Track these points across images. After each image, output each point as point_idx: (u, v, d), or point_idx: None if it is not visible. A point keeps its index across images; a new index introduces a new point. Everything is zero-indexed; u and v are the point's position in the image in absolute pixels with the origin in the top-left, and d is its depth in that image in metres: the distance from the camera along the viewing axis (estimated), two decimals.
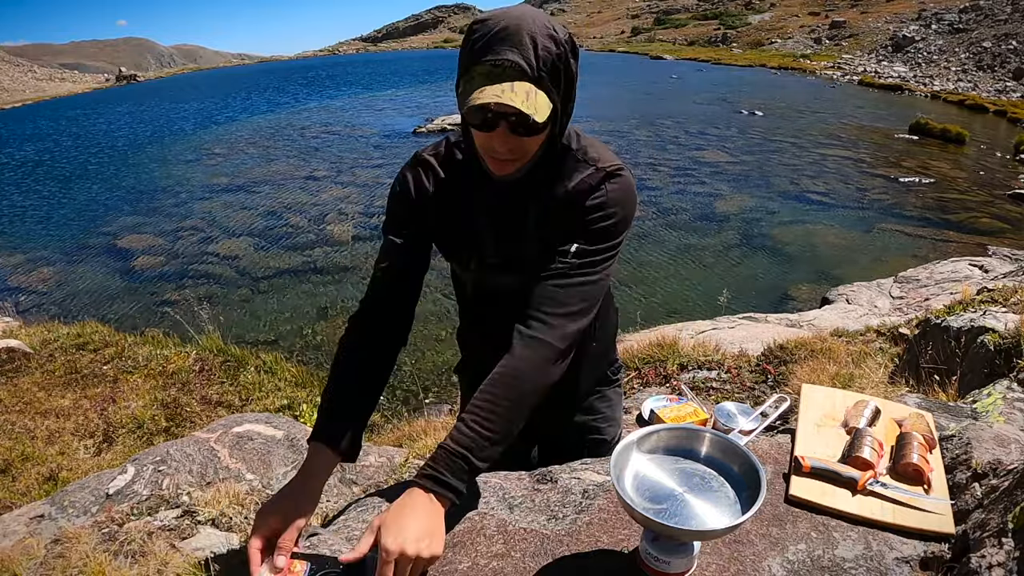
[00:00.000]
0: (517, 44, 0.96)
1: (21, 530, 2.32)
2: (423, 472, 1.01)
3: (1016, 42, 31.81)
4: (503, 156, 1.05)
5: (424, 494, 0.99)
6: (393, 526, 0.94)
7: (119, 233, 11.56)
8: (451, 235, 1.24)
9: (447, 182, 1.21)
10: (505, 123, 1.00)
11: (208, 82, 56.11)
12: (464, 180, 1.19)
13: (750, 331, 4.99)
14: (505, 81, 0.96)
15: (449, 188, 1.20)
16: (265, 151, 18.55)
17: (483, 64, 0.97)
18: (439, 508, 0.99)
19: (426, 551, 0.94)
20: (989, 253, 7.78)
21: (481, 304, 1.37)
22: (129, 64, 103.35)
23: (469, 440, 1.01)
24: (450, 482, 1.00)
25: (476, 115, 1.00)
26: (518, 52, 0.96)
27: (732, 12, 63.75)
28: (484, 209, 1.19)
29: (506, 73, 0.96)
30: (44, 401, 4.60)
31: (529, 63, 0.96)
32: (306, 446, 1.14)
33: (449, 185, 1.20)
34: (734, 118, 20.96)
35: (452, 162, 1.21)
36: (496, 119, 0.99)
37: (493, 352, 1.35)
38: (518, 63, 0.96)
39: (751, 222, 10.91)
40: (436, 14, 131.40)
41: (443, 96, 30.64)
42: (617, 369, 1.55)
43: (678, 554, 0.98)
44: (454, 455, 1.00)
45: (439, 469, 1.00)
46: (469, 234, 1.22)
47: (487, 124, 1.01)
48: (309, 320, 7.75)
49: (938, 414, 1.45)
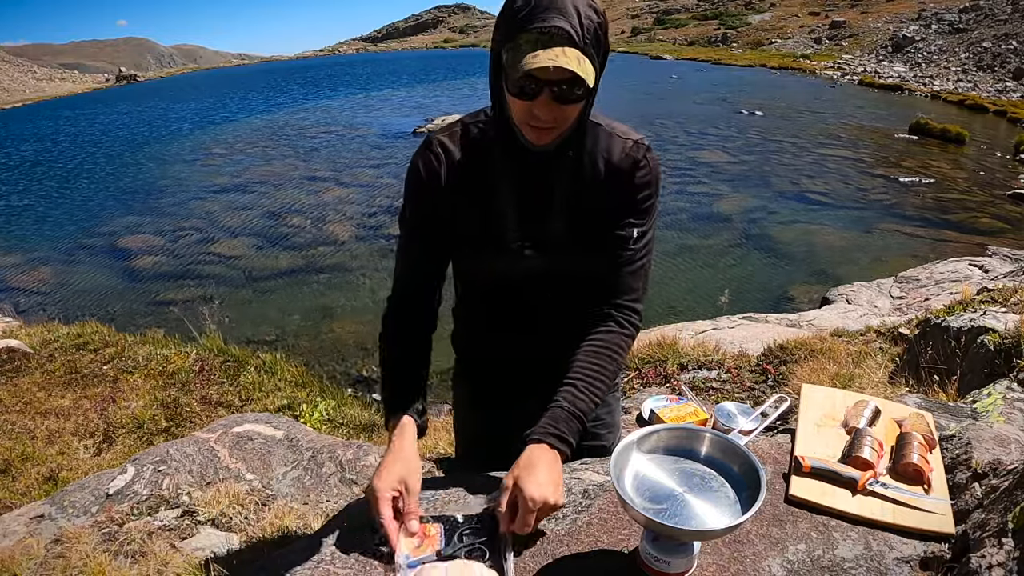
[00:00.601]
0: (563, 12, 0.96)
1: (21, 530, 2.32)
2: (546, 431, 1.10)
3: (1016, 42, 31.80)
4: (545, 124, 1.04)
5: (549, 450, 1.08)
6: (531, 478, 1.02)
7: (119, 233, 11.56)
8: (471, 218, 1.19)
9: (465, 163, 1.17)
10: (548, 91, 0.99)
11: (208, 82, 56.07)
12: (486, 158, 1.16)
13: (750, 331, 4.99)
14: (555, 46, 0.96)
15: (468, 169, 1.17)
16: (264, 151, 18.54)
17: (530, 32, 0.97)
18: (560, 462, 1.08)
19: (561, 499, 1.04)
20: (989, 253, 7.77)
21: (496, 295, 1.30)
22: (129, 64, 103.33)
23: (584, 404, 1.12)
24: (569, 440, 1.10)
25: (519, 83, 1.00)
26: (565, 19, 0.96)
27: (732, 12, 63.70)
28: (509, 186, 1.17)
29: (554, 40, 0.96)
30: (44, 401, 4.60)
31: (576, 30, 0.97)
32: (305, 445, 1.15)
33: (468, 166, 1.17)
34: (734, 118, 20.95)
35: (471, 142, 1.18)
36: (540, 87, 0.99)
37: (504, 351, 1.34)
38: (566, 30, 0.96)
39: (751, 222, 10.91)
40: (436, 14, 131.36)
41: (442, 96, 30.63)
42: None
43: (678, 554, 0.98)
44: (573, 416, 1.11)
45: (560, 428, 1.10)
46: (491, 215, 1.18)
47: (530, 92, 1.00)
48: (309, 320, 7.75)
49: (938, 414, 1.45)
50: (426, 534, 1.06)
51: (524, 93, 1.01)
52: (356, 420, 4.50)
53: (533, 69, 0.95)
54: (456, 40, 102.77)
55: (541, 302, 1.27)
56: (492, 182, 1.17)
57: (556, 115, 1.03)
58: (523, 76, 0.97)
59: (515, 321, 1.31)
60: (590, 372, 1.15)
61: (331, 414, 4.48)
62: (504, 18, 1.01)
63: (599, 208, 1.17)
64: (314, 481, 2.62)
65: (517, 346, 1.34)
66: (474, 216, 1.19)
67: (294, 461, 2.73)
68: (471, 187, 1.17)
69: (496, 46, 1.04)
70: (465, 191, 1.17)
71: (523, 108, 1.03)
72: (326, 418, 4.41)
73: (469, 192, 1.17)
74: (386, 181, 14.04)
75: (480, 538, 1.06)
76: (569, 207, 1.17)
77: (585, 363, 1.16)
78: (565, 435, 1.10)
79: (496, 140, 1.15)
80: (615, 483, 0.94)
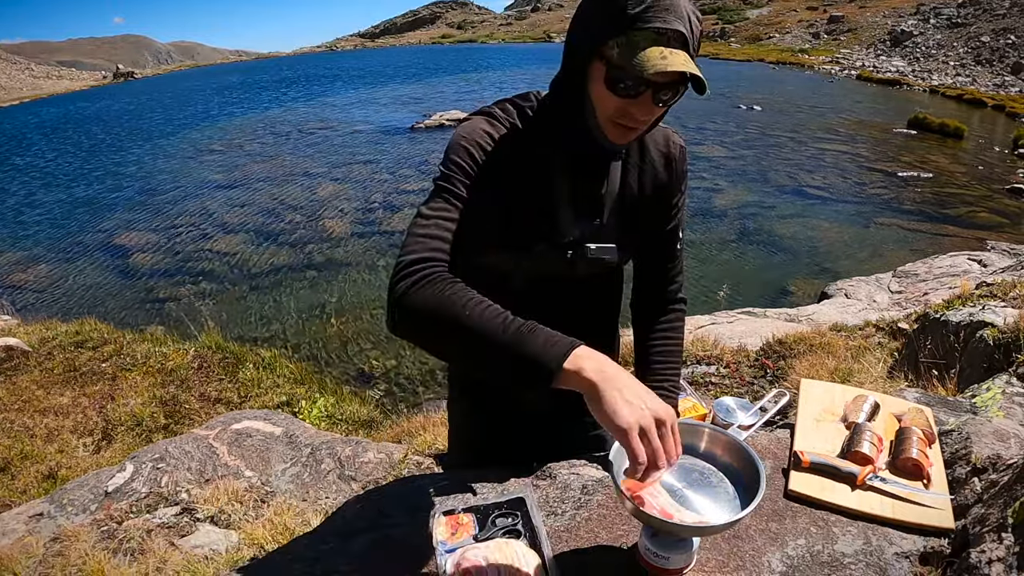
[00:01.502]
0: (679, 15, 0.94)
1: (20, 528, 2.31)
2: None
3: (1015, 36, 31.77)
4: (637, 124, 1.02)
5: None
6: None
7: (117, 230, 11.54)
8: (523, 207, 1.10)
9: (523, 149, 1.08)
10: (652, 92, 0.97)
11: (205, 78, 55.95)
12: (543, 145, 1.09)
13: (749, 326, 4.99)
14: (676, 49, 0.94)
15: (524, 157, 1.08)
16: (262, 147, 18.50)
17: (647, 31, 0.93)
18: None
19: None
20: (987, 247, 7.78)
21: (529, 293, 1.15)
22: (127, 61, 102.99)
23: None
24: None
25: (628, 81, 0.95)
26: (681, 23, 0.94)
27: (730, 7, 63.59)
28: (565, 178, 1.11)
29: (671, 43, 0.94)
30: (43, 399, 4.60)
31: (690, 34, 0.95)
32: (304, 441, 1.13)
33: (524, 153, 1.08)
34: (732, 113, 20.94)
35: (528, 127, 1.10)
36: (647, 87, 0.96)
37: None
38: (684, 33, 0.94)
39: (749, 217, 10.91)
40: (433, 10, 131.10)
41: (440, 92, 30.55)
42: None
43: (677, 550, 0.98)
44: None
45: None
46: (546, 207, 1.11)
47: (634, 91, 0.96)
48: (307, 317, 7.74)
49: (937, 409, 1.45)
50: (459, 523, 1.06)
51: (628, 91, 0.96)
52: (355, 416, 4.50)
53: (662, 70, 0.92)
54: (454, 36, 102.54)
55: (572, 301, 1.21)
56: (549, 173, 1.11)
57: (651, 116, 1.01)
58: (638, 75, 0.93)
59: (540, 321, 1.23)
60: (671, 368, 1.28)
61: (330, 410, 4.48)
62: (608, 10, 0.96)
63: (651, 201, 1.18)
64: (313, 478, 2.62)
65: None
66: (530, 207, 1.10)
67: (293, 458, 2.73)
68: (529, 174, 1.09)
69: (590, 37, 0.98)
70: (523, 177, 1.09)
71: (619, 106, 0.99)
72: (325, 415, 4.41)
73: (527, 179, 1.09)
74: (383, 177, 14.02)
75: (513, 520, 1.07)
76: (622, 203, 1.15)
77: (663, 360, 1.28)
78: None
79: (555, 129, 1.09)
80: (614, 479, 0.94)
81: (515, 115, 1.10)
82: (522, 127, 1.09)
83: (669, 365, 1.28)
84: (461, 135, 1.07)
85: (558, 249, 1.12)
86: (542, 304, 1.15)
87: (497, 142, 1.07)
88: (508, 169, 1.07)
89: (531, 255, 1.12)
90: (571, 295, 1.21)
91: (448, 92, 30.20)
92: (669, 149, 1.19)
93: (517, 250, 1.12)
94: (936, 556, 1.04)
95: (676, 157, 1.20)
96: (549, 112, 1.10)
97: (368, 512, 1.21)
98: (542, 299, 1.16)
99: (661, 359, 1.28)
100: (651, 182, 1.17)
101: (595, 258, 1.14)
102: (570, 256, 1.13)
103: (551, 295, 1.17)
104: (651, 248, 1.25)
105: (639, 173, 1.16)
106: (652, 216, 1.20)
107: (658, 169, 1.18)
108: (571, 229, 1.12)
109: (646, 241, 1.23)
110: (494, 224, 1.08)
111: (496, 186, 1.06)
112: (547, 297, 1.17)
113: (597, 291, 1.26)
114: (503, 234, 1.10)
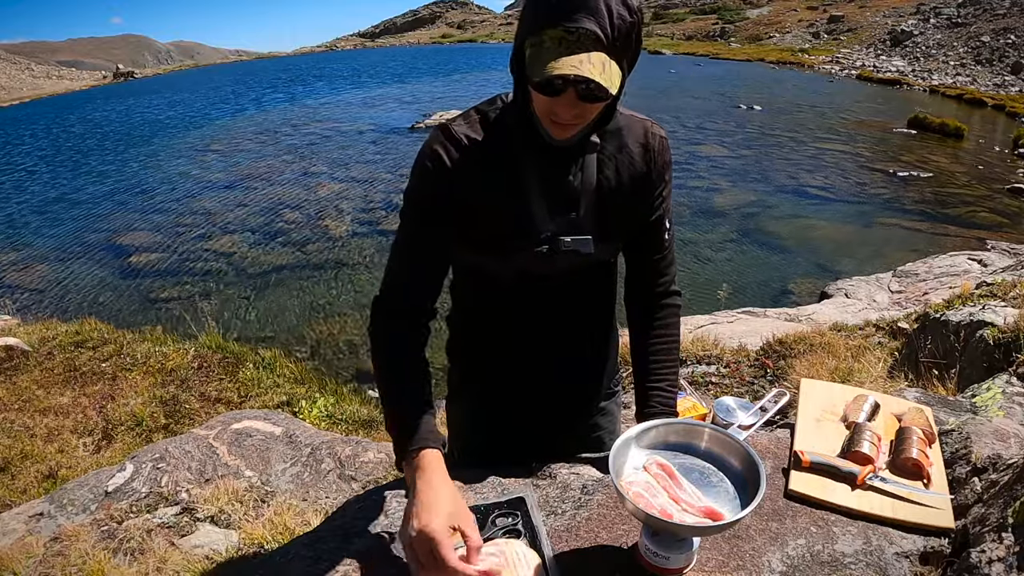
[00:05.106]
0: (594, 11, 0.90)
1: (20, 528, 2.31)
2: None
3: (1015, 36, 31.76)
4: (567, 121, 1.01)
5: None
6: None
7: (117, 230, 11.53)
8: (497, 211, 1.11)
9: (488, 151, 1.10)
10: (573, 90, 0.94)
11: (205, 78, 55.91)
12: (509, 147, 1.10)
13: (749, 325, 4.99)
14: (581, 50, 0.91)
15: (492, 157, 1.10)
16: (261, 147, 18.48)
17: (556, 29, 0.91)
18: None
19: None
20: (988, 247, 7.78)
21: (516, 293, 1.21)
22: (127, 61, 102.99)
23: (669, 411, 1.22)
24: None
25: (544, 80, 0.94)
26: (594, 20, 0.90)
27: (730, 7, 63.57)
28: (535, 176, 1.11)
29: (581, 42, 0.91)
30: (43, 399, 4.59)
31: (605, 33, 0.91)
32: (304, 441, 1.13)
33: (491, 154, 1.10)
34: (732, 112, 20.93)
35: (491, 129, 1.11)
36: (565, 85, 0.94)
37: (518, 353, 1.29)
38: (595, 32, 0.90)
39: (749, 216, 10.90)
40: (434, 10, 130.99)
41: (440, 91, 30.53)
42: (618, 381, 1.51)
43: (678, 549, 0.98)
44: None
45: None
46: (520, 207, 1.11)
47: (554, 89, 0.95)
48: (307, 316, 7.74)
49: (937, 408, 1.45)
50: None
51: (547, 90, 0.96)
52: (355, 416, 4.50)
53: (551, 75, 0.91)
54: (454, 35, 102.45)
55: (565, 298, 1.23)
56: (518, 172, 1.11)
57: (578, 112, 0.99)
58: (542, 75, 0.93)
59: (535, 320, 1.26)
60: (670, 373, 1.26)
61: (330, 410, 4.48)
62: (531, 7, 0.96)
63: (629, 192, 1.16)
64: (313, 477, 2.62)
65: (533, 346, 1.28)
66: (501, 208, 1.12)
67: (293, 458, 2.73)
68: (496, 177, 1.10)
69: (520, 35, 0.99)
70: (490, 181, 1.10)
71: (545, 104, 0.99)
72: (325, 414, 4.40)
73: (494, 183, 1.10)
74: (384, 176, 14.00)
75: (513, 520, 1.08)
76: (599, 195, 1.14)
77: (662, 364, 1.26)
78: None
79: (517, 129, 1.10)
80: (614, 479, 0.94)
81: (477, 121, 1.12)
82: (486, 131, 1.11)
83: (666, 365, 1.26)
84: (419, 161, 1.12)
85: (534, 243, 1.12)
86: (532, 302, 1.22)
87: (457, 154, 1.09)
88: (471, 176, 1.09)
89: (510, 252, 1.14)
90: (559, 292, 1.21)
91: (448, 92, 30.17)
92: (647, 140, 1.17)
93: (497, 249, 1.15)
94: (936, 556, 1.04)
95: (655, 147, 1.17)
96: (510, 112, 1.11)
97: (368, 512, 1.21)
98: (531, 297, 1.21)
99: (657, 359, 1.26)
100: (628, 173, 1.16)
101: (571, 250, 1.13)
102: (546, 250, 1.12)
103: (539, 293, 1.20)
104: (638, 240, 1.23)
105: (616, 165, 1.15)
106: (633, 207, 1.18)
107: (636, 160, 1.16)
108: (546, 224, 1.12)
109: (632, 233, 1.21)
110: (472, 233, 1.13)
111: (467, 196, 1.10)
112: (536, 295, 1.21)
113: (586, 288, 1.25)
114: (480, 237, 1.14)
